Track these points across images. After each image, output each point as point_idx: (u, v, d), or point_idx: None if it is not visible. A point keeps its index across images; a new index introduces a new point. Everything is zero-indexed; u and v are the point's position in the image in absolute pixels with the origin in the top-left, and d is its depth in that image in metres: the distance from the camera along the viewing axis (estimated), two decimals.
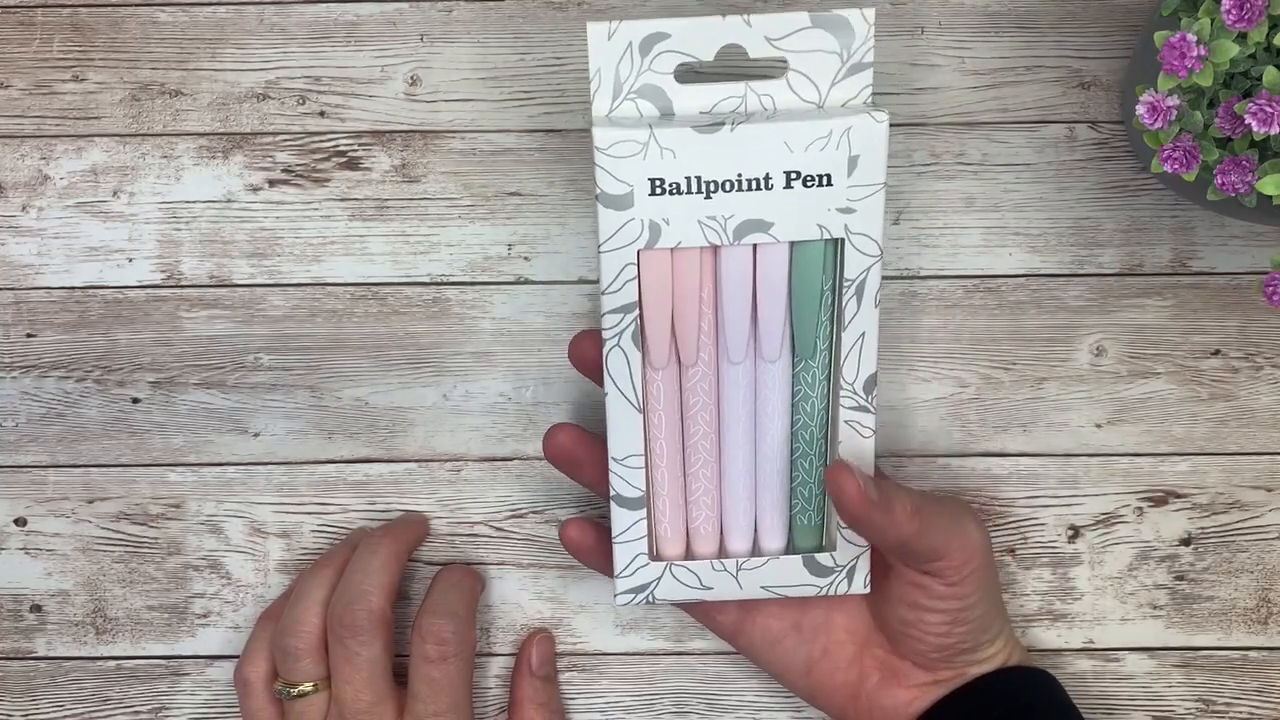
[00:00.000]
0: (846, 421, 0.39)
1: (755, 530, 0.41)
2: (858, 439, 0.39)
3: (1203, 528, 0.47)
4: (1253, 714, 0.47)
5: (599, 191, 0.36)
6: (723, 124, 0.36)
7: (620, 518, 0.40)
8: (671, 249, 0.37)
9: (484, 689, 0.47)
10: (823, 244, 0.37)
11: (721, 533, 0.41)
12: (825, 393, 0.39)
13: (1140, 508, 0.47)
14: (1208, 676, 0.47)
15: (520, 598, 0.47)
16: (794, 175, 0.36)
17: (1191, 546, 0.47)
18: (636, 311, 0.38)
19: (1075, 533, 0.47)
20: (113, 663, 0.47)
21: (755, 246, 0.37)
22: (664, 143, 0.36)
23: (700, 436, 0.40)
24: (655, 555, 0.41)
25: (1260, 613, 0.47)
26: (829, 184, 0.36)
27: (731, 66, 0.40)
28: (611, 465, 0.39)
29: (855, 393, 0.39)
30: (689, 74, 0.38)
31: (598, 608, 0.47)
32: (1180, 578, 0.47)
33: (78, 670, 0.47)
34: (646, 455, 0.40)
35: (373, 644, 0.42)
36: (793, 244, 0.37)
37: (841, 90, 0.37)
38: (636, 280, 0.37)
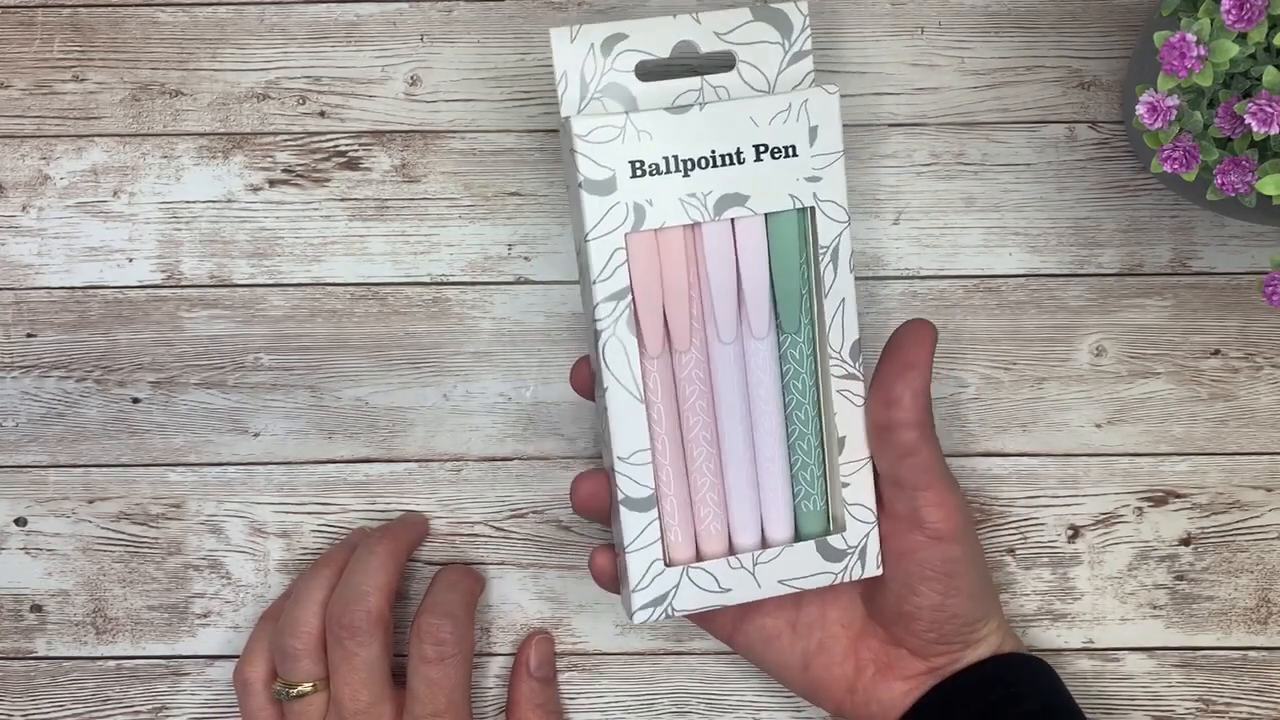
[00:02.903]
0: (839, 391, 0.40)
1: (761, 522, 0.41)
2: (850, 408, 0.40)
3: (1203, 528, 0.47)
4: (1253, 714, 0.47)
5: (582, 179, 0.37)
6: (691, 105, 0.38)
7: (631, 523, 0.39)
8: (656, 231, 0.38)
9: (484, 689, 0.47)
10: (795, 214, 0.39)
11: (729, 529, 0.41)
12: (813, 368, 0.40)
13: (1140, 508, 0.47)
14: (1208, 676, 0.47)
15: (520, 598, 0.47)
16: (762, 148, 0.38)
17: (1191, 546, 0.47)
18: (630, 297, 0.38)
19: (1075, 533, 0.47)
20: (113, 663, 0.47)
21: (734, 222, 0.39)
22: (640, 125, 0.37)
23: (700, 429, 0.40)
24: (669, 561, 0.40)
25: (1260, 613, 0.47)
26: (794, 154, 0.38)
27: (687, 61, 0.42)
28: (617, 466, 0.38)
29: (844, 360, 0.39)
30: (650, 71, 0.40)
31: (598, 608, 0.47)
32: (1180, 578, 0.47)
33: (78, 670, 0.47)
34: (652, 453, 0.39)
35: (371, 644, 0.42)
36: (767, 216, 0.39)
37: (787, 77, 0.40)
38: (626, 265, 0.38)
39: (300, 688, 0.42)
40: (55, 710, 0.47)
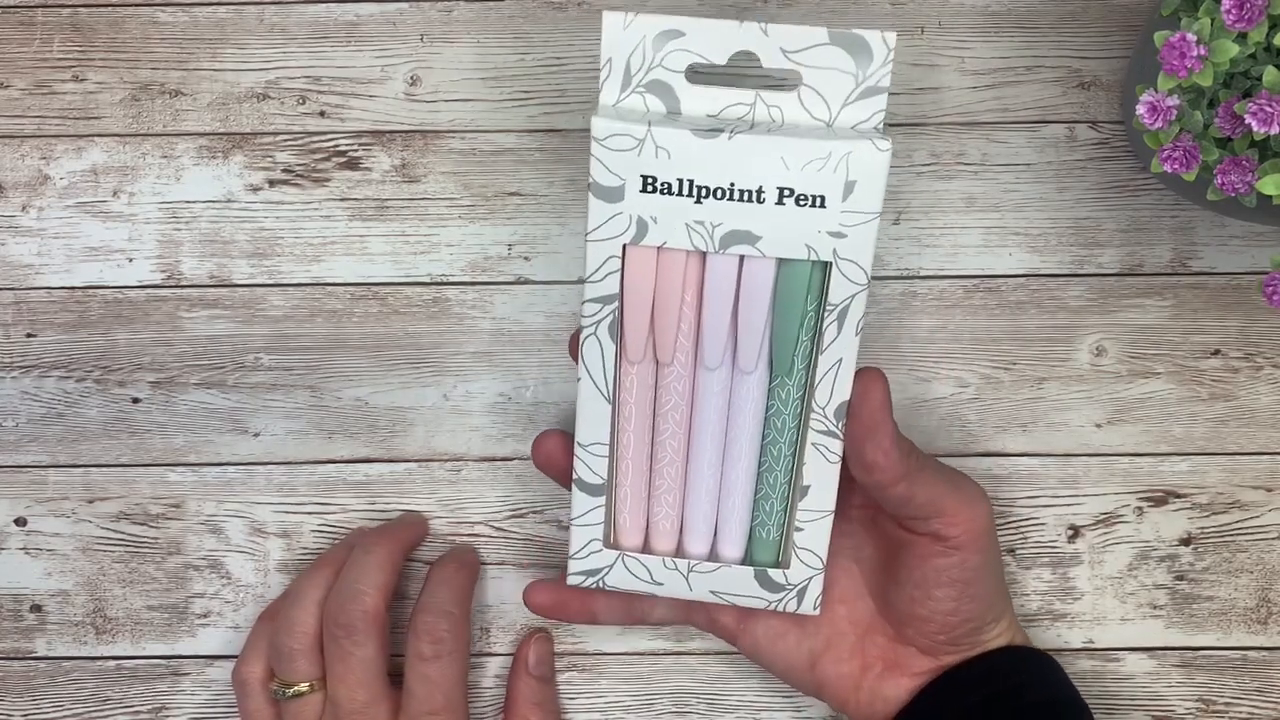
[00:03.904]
0: (813, 444, 0.39)
1: (715, 536, 0.41)
2: (822, 462, 0.39)
3: (1203, 528, 0.47)
4: (1253, 714, 0.47)
5: (591, 181, 0.36)
6: (721, 131, 0.35)
7: (580, 502, 0.40)
8: (658, 247, 0.37)
9: (483, 688, 0.47)
10: (810, 264, 0.37)
11: (681, 533, 0.41)
12: (798, 412, 0.39)
13: (1140, 508, 0.47)
14: (1208, 676, 0.47)
15: (520, 598, 0.47)
16: (787, 192, 0.36)
17: (1191, 546, 0.47)
18: (616, 304, 0.38)
19: (1075, 533, 0.47)
20: (113, 663, 0.47)
21: (742, 258, 0.37)
22: (660, 142, 0.35)
23: (669, 435, 0.40)
24: (614, 544, 0.41)
25: (1260, 613, 0.47)
26: (822, 206, 0.36)
27: (744, 73, 0.39)
28: (576, 450, 0.40)
29: (825, 417, 0.38)
30: (701, 75, 0.38)
31: None
32: (1180, 578, 0.47)
33: (78, 670, 0.47)
34: (613, 446, 0.40)
35: (367, 643, 0.42)
36: (781, 260, 0.37)
37: (853, 112, 0.36)
38: (619, 274, 0.37)
39: (297, 687, 0.42)
40: (55, 710, 0.47)
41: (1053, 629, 0.47)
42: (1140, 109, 0.35)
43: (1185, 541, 0.47)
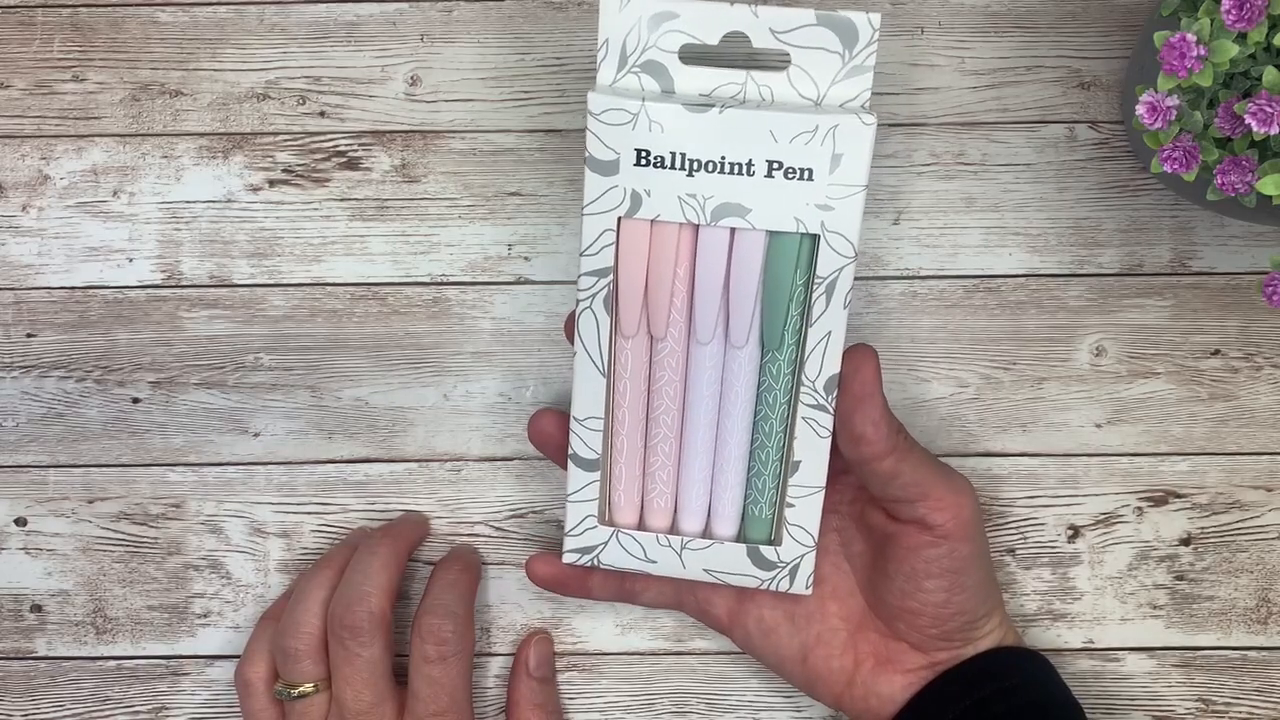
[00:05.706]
0: (804, 418, 0.39)
1: (709, 514, 0.41)
2: (812, 436, 0.39)
3: (1203, 528, 0.47)
4: (1253, 714, 0.47)
5: (587, 155, 0.37)
6: (712, 106, 0.37)
7: (575, 477, 0.41)
8: (651, 221, 0.38)
9: (483, 689, 0.47)
10: (799, 237, 0.38)
11: (675, 510, 0.42)
12: (789, 387, 0.40)
13: (1140, 508, 0.47)
14: (1208, 676, 0.47)
15: (520, 598, 0.47)
16: (776, 165, 0.37)
17: (1191, 546, 0.47)
18: (611, 277, 0.38)
19: (1075, 533, 0.47)
20: (113, 663, 0.47)
21: (733, 231, 0.38)
22: (653, 116, 0.37)
23: (663, 410, 0.40)
24: (609, 521, 0.42)
25: (1260, 613, 0.47)
26: (810, 178, 0.37)
27: (735, 53, 0.40)
28: (572, 425, 0.40)
29: (815, 391, 0.39)
30: (694, 56, 0.39)
31: (598, 608, 0.47)
32: (1180, 578, 0.47)
33: (78, 670, 0.47)
34: (609, 421, 0.40)
35: (373, 645, 0.42)
36: (770, 234, 0.38)
37: (840, 90, 0.38)
38: (614, 246, 0.38)
39: (302, 688, 0.42)
40: (55, 710, 0.47)
41: (1052, 629, 0.47)
42: (1140, 109, 0.35)
43: (1185, 541, 0.47)
